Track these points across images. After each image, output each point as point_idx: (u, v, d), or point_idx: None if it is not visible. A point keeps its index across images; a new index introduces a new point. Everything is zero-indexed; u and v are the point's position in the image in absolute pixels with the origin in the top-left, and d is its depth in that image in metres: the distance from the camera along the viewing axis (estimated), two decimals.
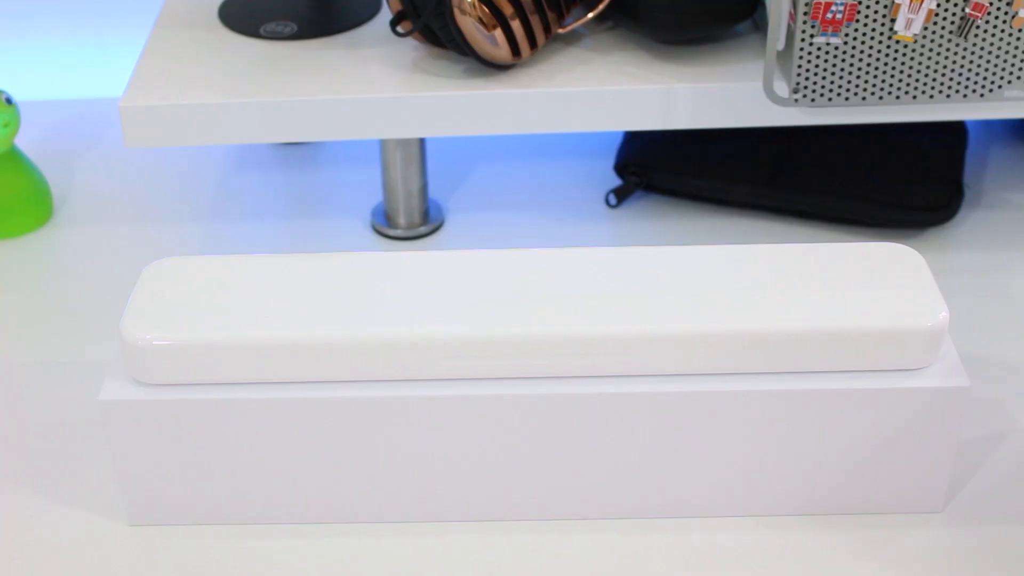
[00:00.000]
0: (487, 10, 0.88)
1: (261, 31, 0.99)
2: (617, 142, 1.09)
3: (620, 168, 1.05)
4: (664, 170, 1.04)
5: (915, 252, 0.77)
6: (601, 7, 0.94)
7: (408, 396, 0.73)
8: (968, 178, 1.07)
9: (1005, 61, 0.89)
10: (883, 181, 1.02)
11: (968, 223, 1.03)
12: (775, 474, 0.76)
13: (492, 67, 0.92)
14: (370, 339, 0.72)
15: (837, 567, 0.75)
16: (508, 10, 0.89)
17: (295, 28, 0.99)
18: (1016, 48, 0.88)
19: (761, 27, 0.98)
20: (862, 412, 0.73)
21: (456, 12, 0.88)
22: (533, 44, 0.92)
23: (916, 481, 0.76)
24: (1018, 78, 0.89)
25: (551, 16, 0.92)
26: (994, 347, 0.90)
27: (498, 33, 0.89)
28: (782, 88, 0.90)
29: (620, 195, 1.04)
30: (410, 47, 0.96)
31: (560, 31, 0.94)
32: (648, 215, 1.04)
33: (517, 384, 0.73)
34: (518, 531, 0.77)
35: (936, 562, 0.75)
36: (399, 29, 0.92)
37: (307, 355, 0.72)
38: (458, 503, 0.77)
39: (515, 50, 0.91)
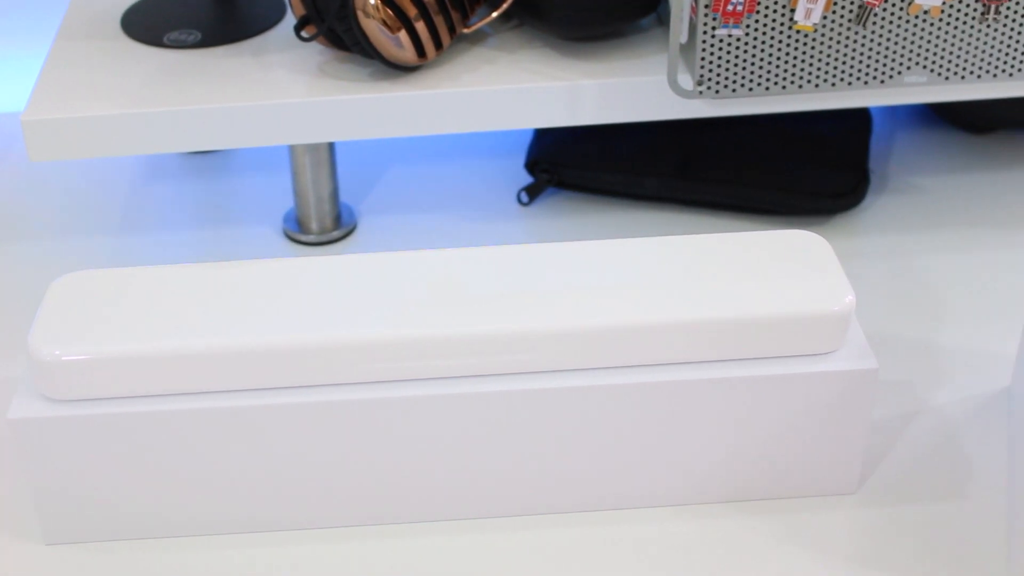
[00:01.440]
0: (391, 12, 0.88)
1: (165, 40, 0.98)
2: (527, 140, 1.09)
3: (531, 166, 1.05)
4: (574, 166, 1.04)
5: (821, 238, 0.78)
6: (505, 6, 0.94)
7: (324, 401, 0.72)
8: (873, 163, 1.09)
9: (904, 47, 0.90)
10: (790, 170, 1.03)
11: (875, 208, 1.05)
12: (692, 463, 0.76)
13: (398, 69, 0.92)
14: (284, 345, 0.71)
15: (757, 551, 0.76)
16: (412, 11, 0.89)
17: (199, 36, 0.98)
18: (914, 34, 0.90)
19: (665, 21, 0.99)
20: (775, 398, 0.74)
21: (360, 15, 0.88)
22: (438, 45, 0.92)
23: (830, 463, 0.77)
24: (917, 64, 0.91)
25: (455, 16, 0.92)
26: (902, 328, 0.92)
27: (403, 35, 0.89)
28: (687, 81, 0.91)
29: (532, 193, 1.05)
30: (315, 51, 0.96)
31: (465, 31, 0.94)
32: (560, 211, 1.05)
33: (435, 384, 0.73)
34: (458, 531, 0.77)
35: (852, 542, 0.76)
36: (303, 34, 0.92)
37: (219, 364, 0.72)
38: (385, 506, 0.77)
39: (420, 51, 0.91)
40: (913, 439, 0.83)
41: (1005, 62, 0.91)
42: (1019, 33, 0.90)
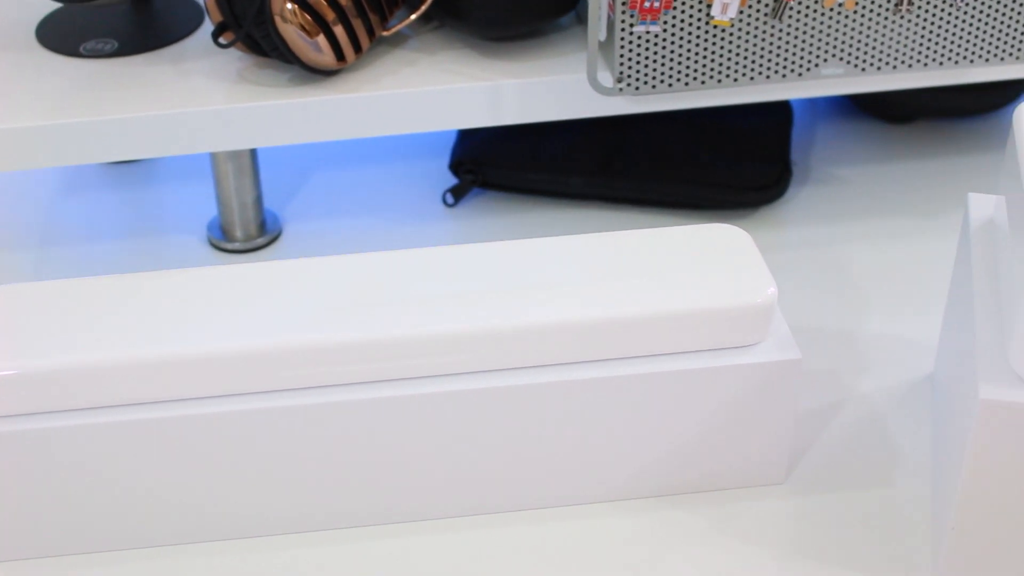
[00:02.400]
0: (308, 17, 0.88)
1: (81, 50, 0.97)
2: (451, 141, 1.09)
3: (455, 167, 1.05)
4: (498, 166, 1.05)
5: (742, 231, 0.79)
6: (424, 7, 0.94)
7: (259, 408, 0.72)
8: (795, 156, 1.10)
9: (820, 40, 0.91)
10: (713, 164, 1.04)
11: (798, 200, 1.05)
12: (621, 459, 0.77)
13: (318, 73, 0.91)
14: (210, 354, 0.71)
15: (688, 544, 0.76)
16: (330, 15, 0.89)
17: (116, 45, 0.97)
18: (829, 27, 0.90)
19: (584, 19, 0.99)
20: (701, 391, 0.75)
21: (277, 20, 0.88)
22: (357, 48, 0.91)
23: (758, 454, 0.78)
24: (834, 56, 0.92)
25: (374, 19, 0.92)
26: (826, 318, 0.93)
27: (321, 39, 0.89)
28: (607, 78, 0.91)
29: (457, 194, 1.05)
30: (234, 58, 0.95)
31: (384, 34, 0.94)
32: (486, 211, 1.05)
33: (367, 388, 0.73)
34: (385, 535, 0.77)
35: (781, 531, 0.77)
36: (221, 40, 0.91)
37: (148, 375, 0.71)
38: (327, 512, 0.76)
39: (339, 55, 0.90)
40: (839, 428, 0.84)
41: (920, 53, 0.93)
42: (932, 24, 0.92)
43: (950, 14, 0.91)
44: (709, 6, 0.88)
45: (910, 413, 0.84)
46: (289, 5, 0.87)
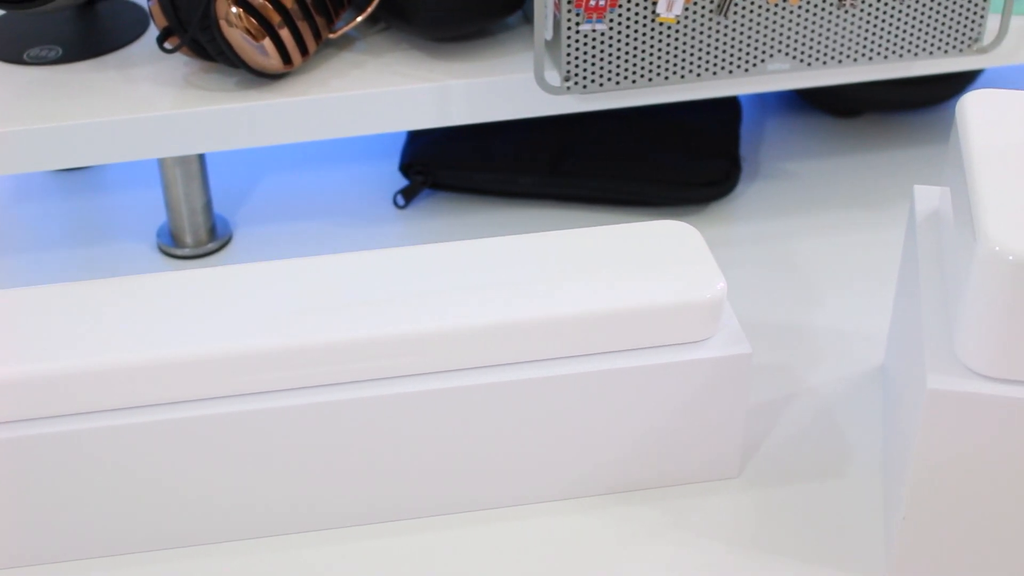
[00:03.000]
0: (254, 20, 0.88)
1: (25, 57, 0.96)
2: (401, 143, 1.09)
3: (405, 168, 1.05)
4: (448, 167, 1.05)
5: (691, 227, 0.79)
6: (370, 9, 0.94)
7: (214, 414, 0.72)
8: (744, 151, 1.10)
9: (766, 35, 0.91)
10: (663, 161, 1.04)
11: (747, 195, 1.06)
12: (575, 457, 0.77)
13: (265, 77, 0.91)
14: (164, 360, 0.70)
15: (643, 541, 0.76)
16: (275, 19, 0.88)
17: (60, 52, 0.96)
18: (774, 22, 0.91)
19: (531, 18, 0.99)
20: (653, 388, 0.75)
21: (223, 24, 0.88)
22: (304, 51, 0.91)
23: (711, 449, 0.78)
24: (780, 51, 0.92)
25: (320, 22, 0.92)
26: (777, 312, 0.93)
27: (267, 43, 0.89)
28: (554, 77, 0.92)
29: (407, 195, 1.04)
30: (180, 63, 0.95)
31: (331, 36, 0.94)
32: (437, 213, 1.05)
33: (320, 392, 0.73)
34: (339, 539, 0.77)
35: (736, 525, 0.77)
36: (167, 45, 0.91)
37: (103, 382, 0.70)
38: (268, 518, 0.76)
39: (286, 58, 0.90)
40: (791, 421, 0.84)
41: (865, 47, 0.93)
42: (876, 18, 0.92)
43: (894, 8, 0.92)
44: (655, 3, 0.88)
45: (861, 404, 0.85)
46: (234, 9, 0.87)
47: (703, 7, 0.89)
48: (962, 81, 1.11)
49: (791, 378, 0.87)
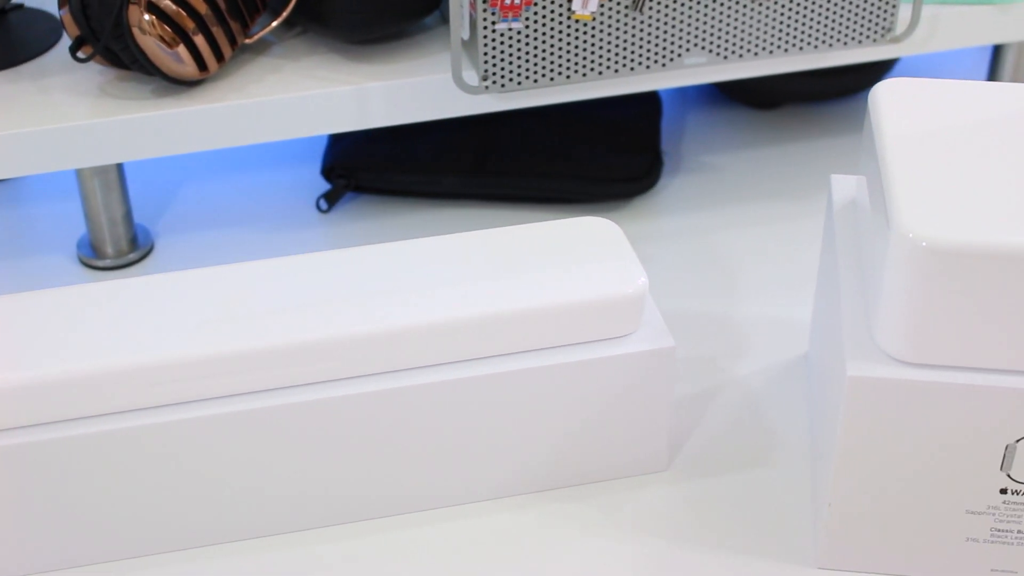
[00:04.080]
0: (167, 28, 0.87)
1: None
2: (322, 146, 1.09)
3: (327, 172, 1.05)
4: (371, 169, 1.04)
5: (611, 223, 0.79)
6: (286, 13, 0.93)
7: (137, 426, 0.71)
8: (666, 145, 1.11)
9: (681, 30, 0.92)
10: (585, 157, 1.05)
11: (670, 189, 1.06)
12: (503, 457, 0.77)
13: (181, 84, 0.90)
14: (86, 373, 0.70)
15: (574, 537, 0.76)
16: (189, 25, 0.88)
17: None
18: (690, 16, 0.91)
19: (448, 19, 0.99)
20: (578, 385, 0.75)
21: (136, 32, 0.87)
22: (220, 57, 0.90)
23: (639, 443, 0.79)
24: (696, 45, 0.93)
25: (235, 27, 0.91)
26: (702, 305, 0.94)
27: (181, 50, 0.88)
28: (472, 77, 0.91)
29: (330, 199, 1.04)
30: (95, 72, 0.94)
31: (247, 41, 0.93)
32: (361, 215, 1.04)
33: (250, 399, 0.72)
34: (272, 547, 0.76)
35: (666, 518, 0.77)
36: (80, 54, 0.90)
37: (26, 398, 0.70)
38: (205, 527, 0.75)
39: (201, 65, 0.89)
40: (719, 412, 0.84)
41: (780, 39, 0.94)
42: (792, 10, 0.93)
43: (808, 0, 0.93)
44: (570, 1, 0.89)
45: (787, 393, 0.86)
46: (147, 16, 0.86)
47: (619, 3, 0.90)
48: (879, 70, 1.12)
49: (717, 370, 0.88)
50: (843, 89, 1.14)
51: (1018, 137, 0.71)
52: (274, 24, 0.94)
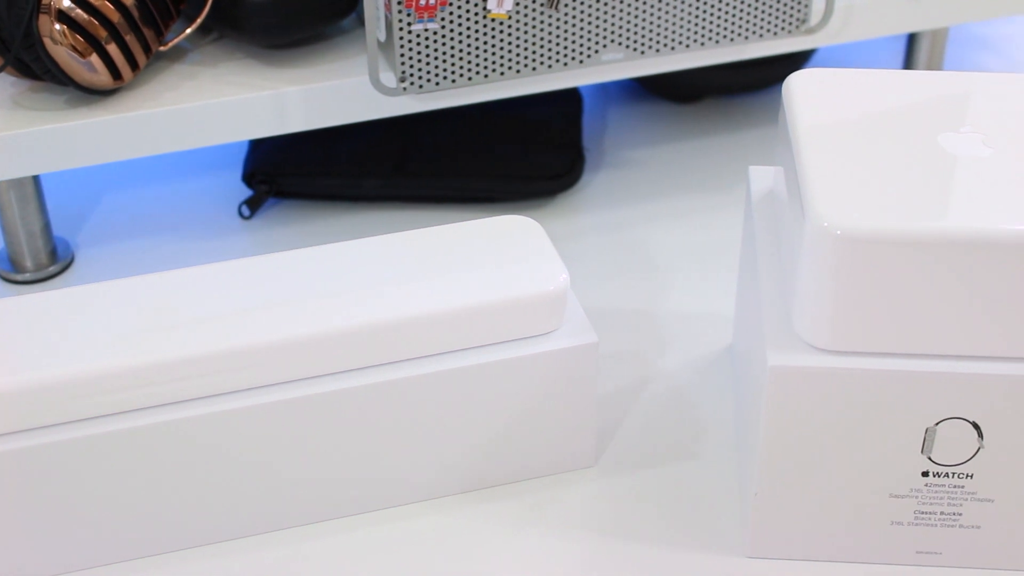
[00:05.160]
0: (79, 37, 0.86)
1: None
2: (242, 152, 1.08)
3: (248, 178, 1.04)
4: (292, 174, 1.04)
5: (532, 221, 0.79)
6: (200, 20, 0.92)
7: (65, 439, 0.70)
8: (588, 142, 1.11)
9: (598, 26, 0.92)
10: (506, 156, 1.05)
11: (592, 185, 1.07)
12: (430, 458, 0.77)
13: (95, 93, 0.89)
14: (16, 387, 0.69)
15: (504, 536, 0.76)
16: (102, 34, 0.87)
17: None
18: (606, 13, 0.92)
19: (364, 21, 0.98)
20: (502, 383, 0.75)
21: (47, 42, 0.86)
22: (134, 66, 0.90)
23: (566, 440, 0.79)
24: (613, 41, 0.93)
25: (148, 34, 0.90)
26: (627, 300, 0.94)
27: (94, 59, 0.87)
28: (390, 79, 0.91)
29: (252, 205, 1.03)
30: (7, 83, 0.92)
31: (162, 48, 0.92)
32: (283, 221, 1.04)
33: (178, 408, 0.72)
34: (198, 558, 0.76)
35: (595, 514, 0.78)
36: None
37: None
38: (146, 537, 0.75)
39: (115, 74, 0.89)
40: (645, 406, 0.85)
41: (697, 33, 0.95)
42: (707, 4, 0.93)
43: None
44: (485, 0, 0.89)
45: (712, 385, 0.86)
46: (57, 26, 0.85)
47: (534, 1, 0.90)
48: (798, 61, 1.13)
49: (642, 364, 0.88)
50: (762, 81, 1.15)
51: (928, 124, 0.71)
52: (189, 30, 0.93)
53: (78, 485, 0.72)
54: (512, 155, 1.05)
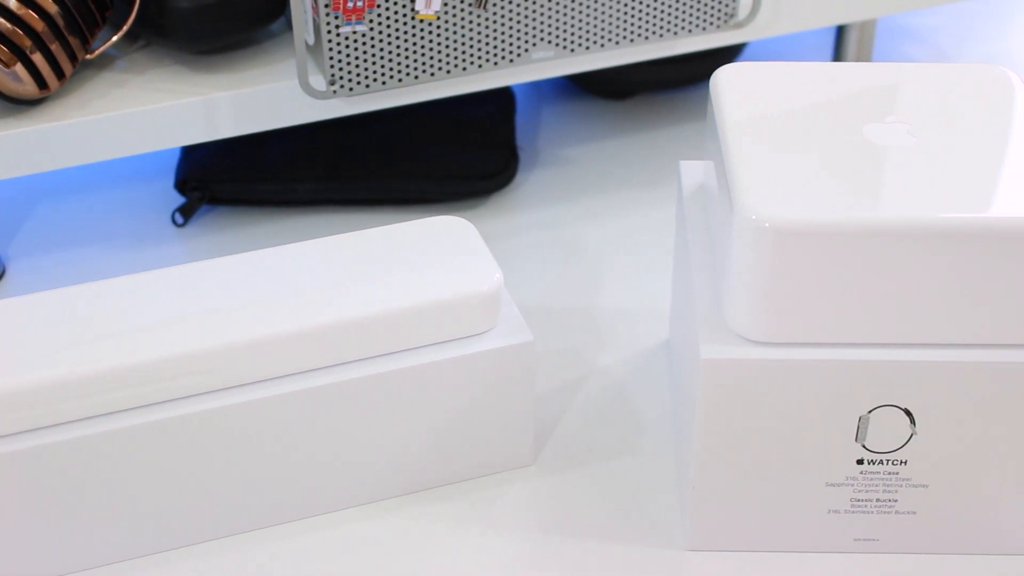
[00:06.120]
0: (3, 47, 0.85)
1: None
2: (175, 159, 1.07)
3: (180, 185, 1.03)
4: (225, 180, 1.03)
5: (465, 221, 0.79)
6: (126, 27, 0.91)
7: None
8: (522, 141, 1.11)
9: (527, 25, 0.92)
10: (440, 157, 1.05)
11: (527, 184, 1.07)
12: (368, 462, 0.77)
13: (21, 104, 0.88)
14: None
15: (448, 535, 0.76)
16: (26, 43, 0.86)
17: None
18: (535, 11, 0.92)
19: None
20: (440, 384, 0.75)
21: None
22: (60, 75, 0.89)
23: (504, 439, 0.79)
24: (543, 39, 0.93)
25: (74, 42, 0.90)
26: (563, 298, 0.94)
27: (19, 68, 0.86)
28: (319, 82, 0.91)
29: (186, 212, 1.02)
30: None
31: (88, 57, 0.92)
32: (217, 227, 1.03)
33: (105, 421, 0.71)
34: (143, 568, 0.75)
35: (535, 512, 0.78)
36: None
37: None
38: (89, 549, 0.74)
39: (41, 83, 0.88)
40: (583, 404, 0.85)
41: (626, 29, 0.95)
42: (637, 0, 0.94)
43: None
44: (413, 1, 0.88)
45: (650, 381, 0.87)
46: None
47: (462, 1, 0.90)
48: (729, 56, 1.13)
49: (580, 361, 0.88)
50: (695, 76, 1.15)
51: (854, 115, 0.72)
52: (115, 38, 0.92)
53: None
54: (446, 155, 1.05)
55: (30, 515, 0.72)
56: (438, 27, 0.90)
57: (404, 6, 0.88)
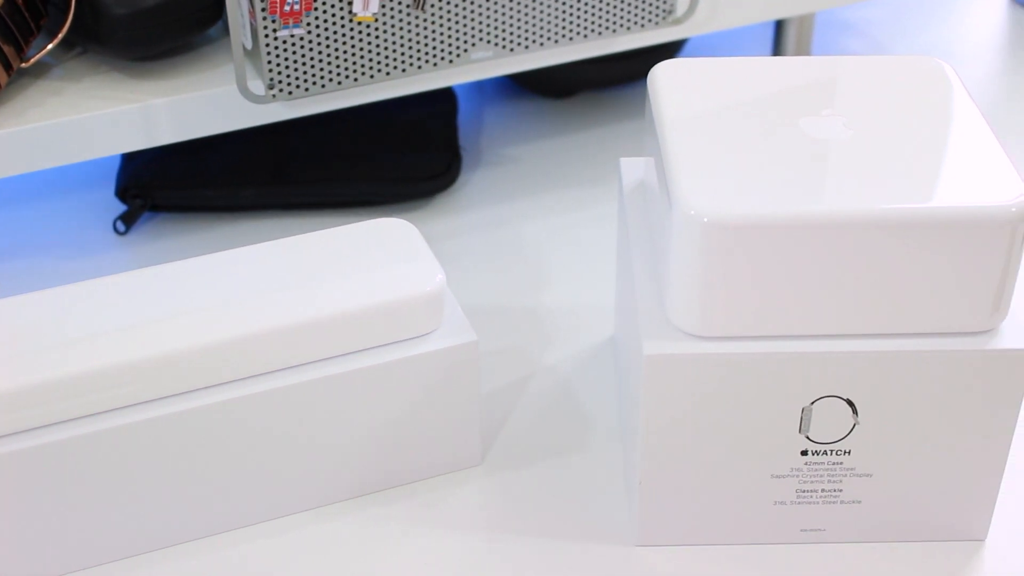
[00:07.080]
0: None
1: None
2: (115, 167, 1.06)
3: (122, 193, 1.02)
4: (167, 187, 1.02)
5: (407, 223, 0.79)
6: (61, 34, 0.91)
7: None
8: (465, 141, 1.11)
9: (465, 25, 0.92)
10: (383, 159, 1.04)
11: (471, 184, 1.07)
12: (316, 465, 0.76)
13: None
14: None
15: (397, 538, 0.76)
16: None
17: None
18: (473, 12, 0.92)
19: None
20: (384, 386, 0.75)
21: None
22: None
23: (452, 439, 0.79)
24: (481, 39, 0.93)
25: (8, 51, 0.89)
26: (509, 297, 0.94)
27: None
28: (258, 86, 0.90)
29: (127, 220, 1.02)
30: None
31: (23, 65, 0.91)
32: (160, 235, 1.02)
33: (55, 430, 0.71)
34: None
35: (484, 511, 0.78)
36: None
37: None
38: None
39: None
40: (529, 402, 0.85)
41: (565, 27, 0.95)
42: None
43: None
44: (351, 4, 0.88)
45: (596, 378, 0.87)
46: None
47: (400, 3, 0.90)
48: (669, 52, 1.14)
49: (526, 360, 0.88)
50: (636, 73, 1.15)
51: (789, 109, 0.73)
52: (51, 46, 0.91)
53: None
54: (388, 158, 1.05)
55: None
56: (376, 29, 0.90)
57: (342, 8, 0.88)
